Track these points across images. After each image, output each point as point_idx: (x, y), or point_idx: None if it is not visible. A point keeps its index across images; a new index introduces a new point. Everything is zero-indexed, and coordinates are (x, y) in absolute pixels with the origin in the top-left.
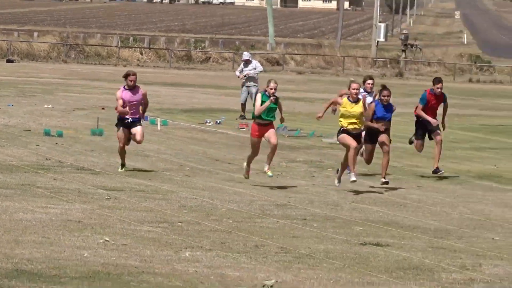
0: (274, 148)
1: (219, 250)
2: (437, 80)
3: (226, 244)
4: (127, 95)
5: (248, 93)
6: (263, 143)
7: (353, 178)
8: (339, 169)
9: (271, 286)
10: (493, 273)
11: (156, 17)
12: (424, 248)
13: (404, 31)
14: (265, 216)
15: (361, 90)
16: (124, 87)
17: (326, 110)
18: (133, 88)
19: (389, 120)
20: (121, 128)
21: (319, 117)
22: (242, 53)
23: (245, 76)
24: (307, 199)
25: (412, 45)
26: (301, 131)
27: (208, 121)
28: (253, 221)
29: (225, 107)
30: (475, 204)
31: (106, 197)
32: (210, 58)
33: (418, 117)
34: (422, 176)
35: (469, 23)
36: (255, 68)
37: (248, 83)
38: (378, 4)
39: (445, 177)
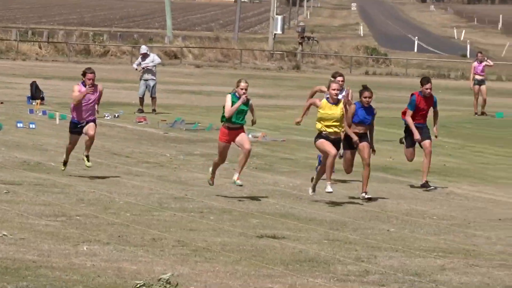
0: (247, 154)
1: (117, 243)
2: (426, 80)
3: (123, 238)
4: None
5: (146, 87)
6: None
7: (329, 189)
8: (314, 177)
9: (168, 280)
10: (387, 264)
11: (54, 10)
12: (320, 240)
13: (301, 24)
14: (162, 209)
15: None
16: (82, 83)
17: (304, 113)
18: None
19: (370, 124)
20: (73, 134)
21: (298, 122)
22: (140, 46)
23: (143, 68)
24: (204, 192)
25: (309, 38)
26: (199, 124)
27: (106, 115)
28: (150, 214)
29: (124, 101)
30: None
31: (5, 191)
32: (108, 51)
33: (406, 123)
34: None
35: (366, 15)
36: (153, 61)
37: (146, 76)
38: None
39: (339, 170)
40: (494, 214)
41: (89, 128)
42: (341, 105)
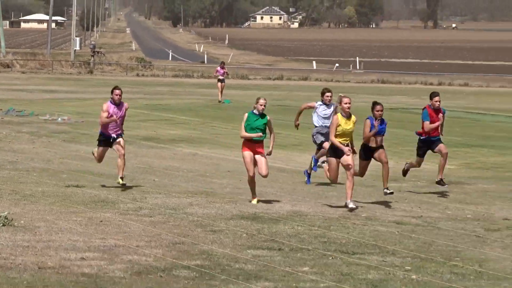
0: (263, 177)
1: None
2: (434, 94)
3: None
4: (113, 110)
5: None
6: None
7: (352, 206)
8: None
9: (5, 216)
10: (154, 203)
11: None
12: (109, 188)
13: (92, 42)
14: (1, 169)
15: (319, 103)
16: (110, 101)
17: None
18: (118, 104)
19: (383, 135)
20: (101, 147)
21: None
22: None
23: None
24: (30, 157)
25: (98, 52)
26: (25, 111)
27: None
28: None
29: None
30: (142, 157)
31: None
32: None
33: (421, 134)
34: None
35: (136, 36)
36: None
37: None
38: (75, 24)
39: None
40: (225, 167)
41: (119, 146)
42: (353, 118)
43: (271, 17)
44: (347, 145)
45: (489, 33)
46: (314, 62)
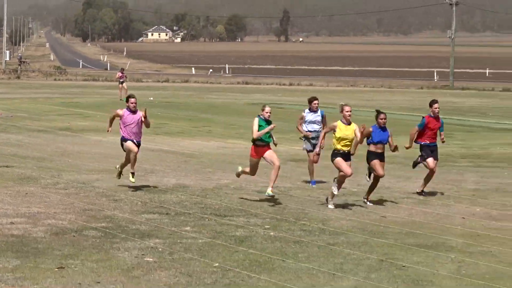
0: (277, 170)
1: None
2: (434, 101)
3: None
4: (127, 116)
5: None
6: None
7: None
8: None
9: None
10: (68, 178)
11: None
12: (32, 167)
13: (19, 54)
14: None
15: (307, 111)
16: (126, 108)
17: (323, 138)
18: (134, 112)
19: (385, 144)
20: (128, 141)
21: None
22: None
23: None
24: None
25: (24, 62)
26: None
27: None
28: None
29: None
30: (59, 144)
31: None
32: None
33: (421, 140)
34: None
35: (54, 49)
36: None
37: None
38: (5, 40)
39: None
40: None
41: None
42: (353, 126)
43: (159, 34)
44: (348, 151)
45: (328, 45)
46: (193, 69)
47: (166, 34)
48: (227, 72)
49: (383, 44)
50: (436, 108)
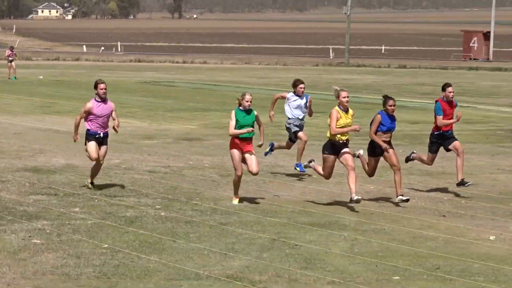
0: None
1: None
2: (447, 85)
3: None
4: (97, 108)
5: None
6: None
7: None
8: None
9: None
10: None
11: None
12: None
13: None
14: None
15: (291, 94)
16: (95, 99)
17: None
18: (104, 100)
19: (392, 131)
20: (93, 141)
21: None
22: None
23: None
24: None
25: None
26: None
27: None
28: None
29: None
30: None
31: None
32: None
33: (438, 131)
34: None
35: None
36: None
37: None
38: None
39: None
40: (12, 130)
41: (102, 152)
42: (351, 112)
43: (49, 11)
44: (347, 140)
45: (222, 22)
46: (84, 46)
47: (57, 11)
48: (119, 49)
49: (278, 21)
50: (450, 92)
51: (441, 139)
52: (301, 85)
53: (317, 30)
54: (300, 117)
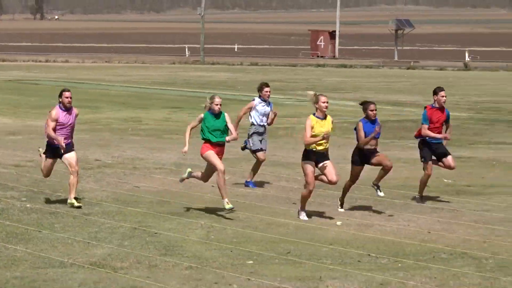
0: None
1: None
2: (440, 89)
3: None
4: (63, 117)
5: None
6: None
7: (304, 217)
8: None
9: None
10: None
11: None
12: None
13: None
14: None
15: (258, 100)
16: (59, 106)
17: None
18: (69, 109)
19: (378, 137)
20: (50, 159)
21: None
22: None
23: None
24: None
25: None
26: None
27: None
28: None
29: None
30: None
31: None
32: None
33: (421, 137)
34: None
35: None
36: None
37: None
38: None
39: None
40: None
41: (72, 162)
42: (329, 119)
43: None
44: (326, 149)
45: (83, 23)
46: None
47: None
48: None
49: (136, 21)
50: (443, 96)
51: (428, 146)
52: (267, 89)
53: (173, 30)
54: (265, 124)
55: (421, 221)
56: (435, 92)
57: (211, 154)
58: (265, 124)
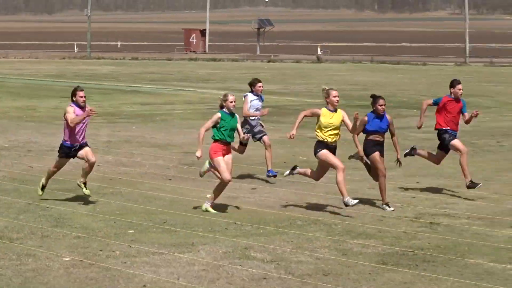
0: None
1: None
2: (457, 82)
3: None
4: (79, 112)
5: None
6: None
7: (353, 202)
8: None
9: None
10: None
11: None
12: None
13: None
14: None
15: (250, 94)
16: (74, 103)
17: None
18: (83, 108)
19: (385, 132)
20: (63, 158)
21: (292, 135)
22: None
23: None
24: None
25: None
26: None
27: None
28: None
29: None
30: None
31: None
32: None
33: (442, 128)
34: None
35: None
36: None
37: None
38: None
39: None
40: None
41: (89, 154)
42: (340, 113)
43: None
44: (335, 141)
45: None
46: None
47: None
48: None
49: (31, 22)
50: (460, 89)
51: (446, 135)
52: (260, 84)
53: (63, 29)
54: (259, 118)
55: (280, 193)
56: (452, 85)
57: (221, 162)
58: (259, 118)
